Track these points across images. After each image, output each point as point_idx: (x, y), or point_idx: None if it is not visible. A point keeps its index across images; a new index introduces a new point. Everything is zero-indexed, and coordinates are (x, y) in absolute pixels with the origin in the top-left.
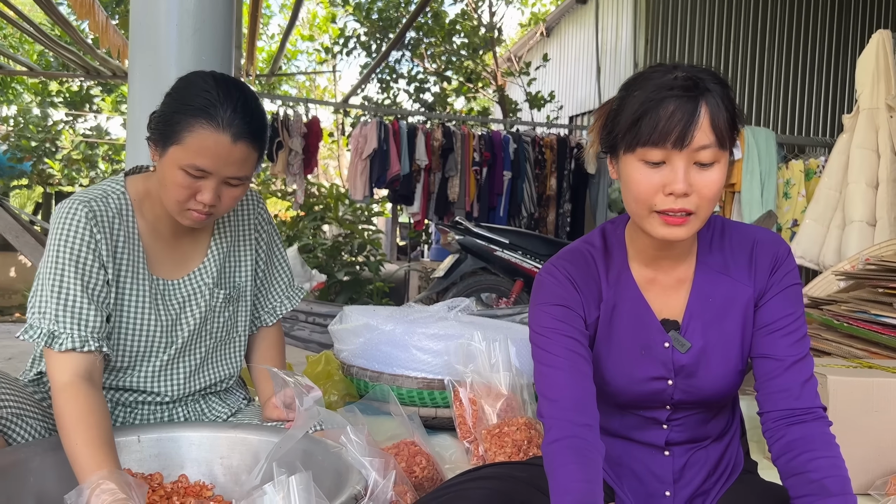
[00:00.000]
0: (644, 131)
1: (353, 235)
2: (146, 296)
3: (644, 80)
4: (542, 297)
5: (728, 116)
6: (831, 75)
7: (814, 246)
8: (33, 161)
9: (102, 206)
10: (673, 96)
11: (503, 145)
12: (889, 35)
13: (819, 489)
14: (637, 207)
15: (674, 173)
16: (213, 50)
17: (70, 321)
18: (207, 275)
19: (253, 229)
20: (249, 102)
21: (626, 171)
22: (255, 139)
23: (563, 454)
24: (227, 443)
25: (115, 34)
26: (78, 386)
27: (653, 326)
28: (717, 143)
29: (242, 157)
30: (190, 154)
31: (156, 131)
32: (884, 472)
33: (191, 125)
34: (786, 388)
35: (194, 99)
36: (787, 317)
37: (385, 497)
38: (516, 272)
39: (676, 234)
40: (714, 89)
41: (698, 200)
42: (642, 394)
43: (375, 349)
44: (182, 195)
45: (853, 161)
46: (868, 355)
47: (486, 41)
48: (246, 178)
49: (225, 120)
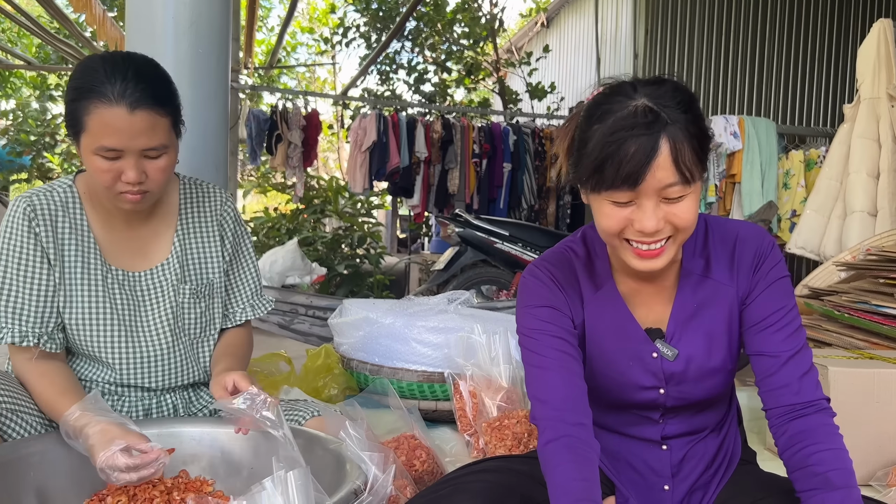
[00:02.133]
0: (607, 176)
1: (353, 228)
2: (98, 285)
3: (604, 114)
4: (527, 300)
5: (694, 146)
6: (832, 65)
7: (814, 236)
8: (32, 155)
9: (45, 200)
10: (632, 136)
11: (503, 137)
12: (890, 24)
13: (823, 483)
14: (610, 240)
15: (642, 212)
16: (210, 42)
17: (10, 316)
18: (171, 270)
19: (217, 224)
20: (142, 70)
21: (595, 207)
22: (157, 104)
23: (559, 454)
24: (227, 438)
25: (113, 27)
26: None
27: (639, 337)
28: (681, 181)
29: (147, 126)
30: (96, 137)
31: (68, 127)
32: (885, 463)
33: (87, 108)
34: (785, 383)
35: (84, 82)
36: (778, 311)
37: (385, 491)
38: (516, 264)
39: (653, 266)
40: (676, 119)
41: (673, 229)
42: (635, 402)
43: (375, 342)
44: (107, 179)
45: (854, 151)
46: (869, 346)
47: (486, 31)
48: (164, 147)
49: (116, 93)
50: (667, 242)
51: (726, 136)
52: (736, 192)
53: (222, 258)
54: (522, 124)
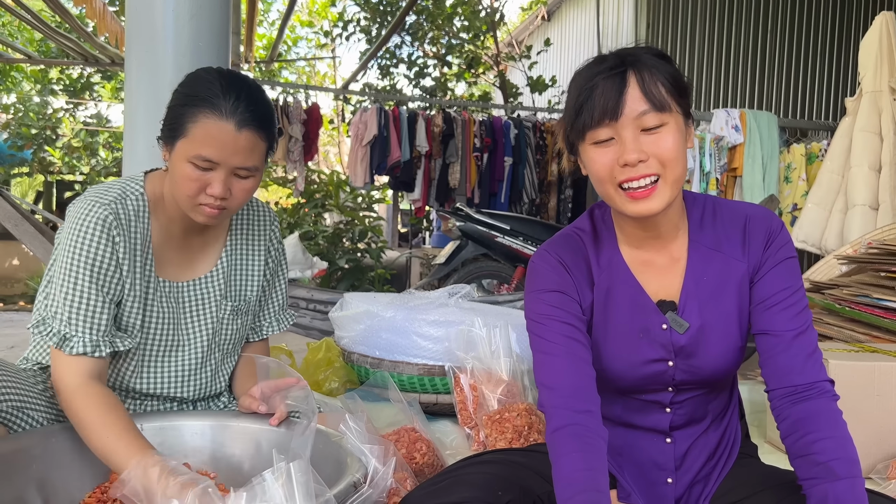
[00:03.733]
0: (584, 116)
1: (354, 222)
2: (148, 296)
3: (578, 75)
4: (536, 284)
5: (664, 80)
6: (834, 58)
7: (816, 230)
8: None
9: (121, 209)
10: (602, 78)
11: (504, 131)
12: (892, 17)
13: (826, 472)
14: (603, 188)
15: (622, 144)
16: (210, 35)
17: (83, 325)
18: (215, 285)
19: (264, 245)
20: (254, 93)
21: (585, 159)
22: (261, 127)
23: (566, 443)
24: (228, 432)
25: (114, 21)
26: (92, 385)
27: (649, 308)
28: (654, 108)
29: (249, 146)
30: (196, 145)
31: (164, 129)
32: (885, 456)
33: (195, 116)
34: (789, 363)
35: (198, 91)
36: (785, 290)
37: (385, 484)
38: (517, 258)
39: (647, 208)
40: (645, 60)
41: (658, 164)
42: (643, 377)
43: (376, 336)
44: (192, 189)
45: (856, 144)
46: (870, 339)
47: (487, 25)
48: (255, 169)
49: (228, 109)
50: (657, 182)
51: (728, 129)
52: (737, 185)
53: (263, 277)
54: (524, 118)
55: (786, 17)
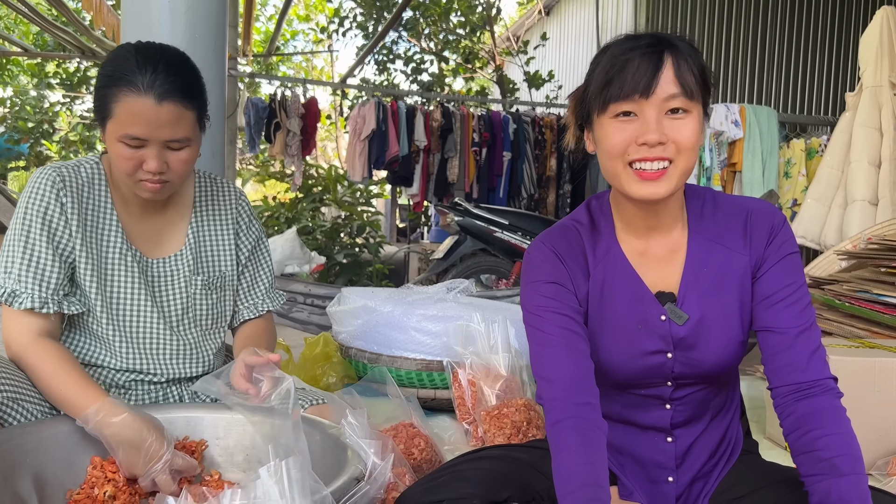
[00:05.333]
0: (614, 88)
1: (352, 217)
2: (134, 270)
3: (611, 48)
4: (532, 276)
5: (696, 70)
6: (834, 53)
7: (815, 225)
8: (30, 143)
9: (72, 174)
10: (638, 54)
11: (503, 126)
12: (893, 11)
13: (830, 468)
14: (612, 164)
15: (645, 123)
16: (207, 28)
17: (32, 280)
18: (184, 261)
19: (232, 220)
20: (173, 62)
21: (600, 133)
22: (184, 97)
23: (566, 436)
24: (223, 423)
25: (110, 14)
26: (44, 341)
27: (647, 300)
28: (683, 93)
29: (174, 118)
30: (122, 124)
31: (95, 112)
32: (885, 453)
33: (116, 96)
34: (792, 360)
35: (115, 70)
36: (788, 286)
37: (384, 479)
38: (516, 253)
39: (654, 191)
40: (681, 46)
41: (675, 149)
42: (641, 369)
43: (374, 331)
44: (129, 167)
45: (856, 140)
46: (870, 335)
47: (483, 20)
48: (187, 140)
49: (146, 83)
50: (668, 168)
51: (727, 124)
52: (737, 180)
53: (236, 252)
54: (522, 113)
55: (785, 11)
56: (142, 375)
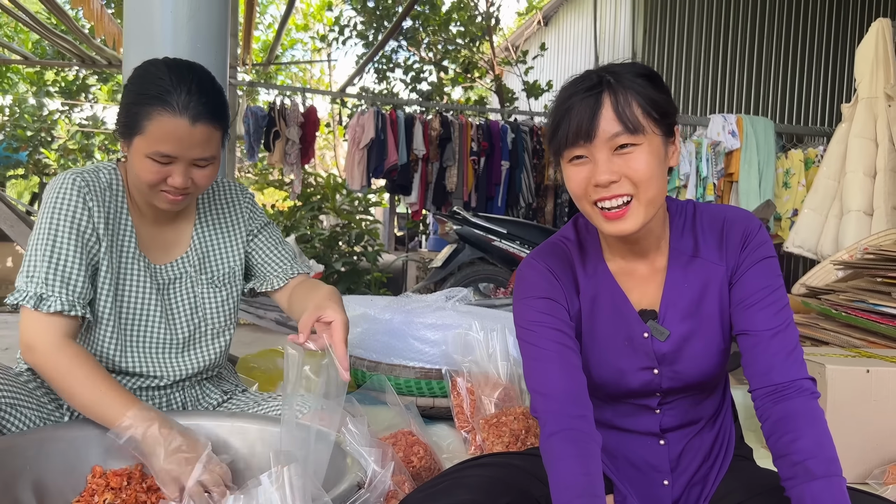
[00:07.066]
0: (560, 135)
1: (351, 225)
2: (144, 276)
3: (560, 93)
4: (525, 291)
5: (641, 101)
6: (830, 64)
7: (812, 235)
8: (29, 151)
9: (93, 178)
10: (578, 99)
11: (501, 135)
12: (889, 23)
13: (803, 472)
14: (580, 205)
15: (595, 165)
16: (209, 37)
17: (60, 283)
18: (190, 263)
19: (238, 219)
20: (204, 83)
21: (564, 174)
22: (215, 118)
23: (561, 447)
24: (225, 431)
25: (111, 23)
26: (72, 344)
27: (631, 318)
28: (626, 130)
29: (204, 138)
30: (152, 142)
31: (119, 125)
32: (882, 461)
33: (149, 114)
34: (769, 362)
35: (149, 88)
36: (764, 289)
37: (384, 486)
38: (514, 262)
39: (622, 228)
40: (625, 80)
41: (630, 184)
42: (631, 385)
43: (373, 339)
44: (153, 180)
45: (851, 150)
46: (866, 345)
47: (482, 30)
48: (212, 158)
49: (181, 104)
50: (630, 203)
51: (724, 134)
52: (734, 191)
53: (242, 245)
54: (521, 122)
55: (783, 22)
56: (144, 380)
